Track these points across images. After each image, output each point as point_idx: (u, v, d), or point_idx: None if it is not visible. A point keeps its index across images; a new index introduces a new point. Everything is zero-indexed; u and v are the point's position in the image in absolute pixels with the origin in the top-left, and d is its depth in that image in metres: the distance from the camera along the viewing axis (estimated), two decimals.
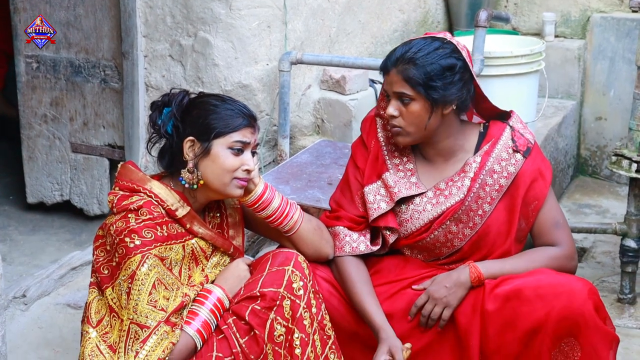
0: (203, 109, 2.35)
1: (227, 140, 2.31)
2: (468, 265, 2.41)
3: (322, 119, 3.88)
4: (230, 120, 2.32)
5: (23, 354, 2.85)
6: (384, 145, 2.53)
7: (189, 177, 2.33)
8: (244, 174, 2.33)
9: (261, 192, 2.39)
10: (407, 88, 2.38)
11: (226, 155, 2.31)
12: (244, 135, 2.33)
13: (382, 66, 2.45)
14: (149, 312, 2.19)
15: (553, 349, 2.29)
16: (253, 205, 2.40)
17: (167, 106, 2.37)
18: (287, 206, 2.44)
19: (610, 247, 3.74)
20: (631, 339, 2.99)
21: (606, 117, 4.73)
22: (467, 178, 2.46)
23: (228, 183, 2.32)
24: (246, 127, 2.34)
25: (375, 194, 2.49)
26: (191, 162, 2.32)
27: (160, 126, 2.36)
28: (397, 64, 2.40)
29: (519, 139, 2.47)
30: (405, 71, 2.38)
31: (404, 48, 2.42)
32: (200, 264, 2.38)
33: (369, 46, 4.33)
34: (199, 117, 2.33)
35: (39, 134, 4.02)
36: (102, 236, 2.33)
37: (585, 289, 2.29)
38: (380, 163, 2.51)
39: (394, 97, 2.41)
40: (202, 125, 2.32)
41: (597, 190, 4.63)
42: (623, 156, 3.20)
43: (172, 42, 3.68)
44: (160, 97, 2.42)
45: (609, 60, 4.68)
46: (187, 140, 2.32)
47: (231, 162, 2.32)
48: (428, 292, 2.42)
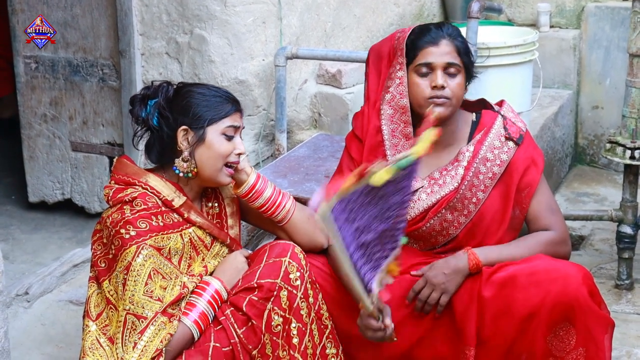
0: (192, 98, 2.38)
1: (220, 126, 2.36)
2: (466, 252, 2.43)
3: (319, 113, 3.91)
4: (221, 106, 2.37)
5: (26, 350, 2.88)
6: (388, 138, 2.55)
7: (183, 167, 2.35)
8: (236, 157, 2.38)
9: (253, 182, 2.42)
10: (457, 59, 2.46)
11: (220, 141, 2.36)
12: (234, 120, 2.38)
13: (430, 39, 2.47)
14: (145, 303, 2.22)
15: (548, 334, 2.31)
16: (246, 195, 2.42)
17: (151, 98, 2.39)
18: (280, 196, 2.47)
19: (608, 235, 3.76)
20: (629, 324, 3.01)
21: (603, 105, 4.75)
22: (461, 167, 2.49)
23: (220, 169, 2.36)
24: (235, 112, 2.39)
25: None
26: (186, 150, 2.35)
27: (145, 119, 2.38)
28: (448, 35, 2.47)
29: (510, 127, 2.50)
30: (455, 42, 2.47)
31: (444, 26, 2.51)
32: (201, 253, 2.41)
33: (365, 40, 4.35)
34: (190, 106, 2.36)
35: (39, 134, 4.05)
36: (99, 230, 2.36)
37: (579, 274, 2.32)
38: (381, 155, 2.53)
39: (440, 68, 2.45)
40: (194, 114, 2.35)
41: (595, 178, 4.65)
42: (617, 143, 3.22)
43: (169, 40, 3.71)
44: (140, 90, 2.46)
45: (604, 49, 4.69)
46: (181, 130, 2.34)
47: (225, 147, 2.36)
48: (426, 278, 2.45)
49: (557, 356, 2.33)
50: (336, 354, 2.40)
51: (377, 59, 2.61)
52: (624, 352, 2.79)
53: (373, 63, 2.62)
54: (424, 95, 2.45)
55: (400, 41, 2.52)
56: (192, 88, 2.42)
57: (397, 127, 2.53)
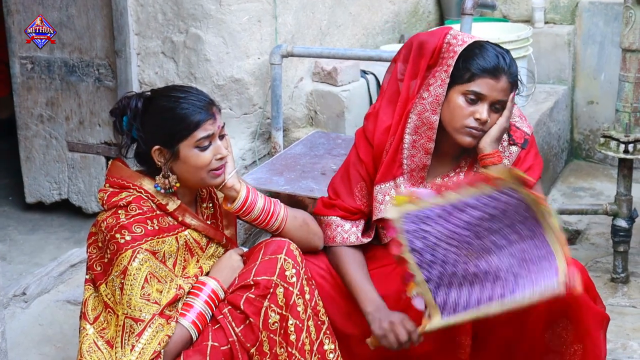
0: (159, 115, 2.31)
1: (192, 140, 2.28)
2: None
3: (315, 111, 3.91)
4: (189, 120, 2.28)
5: (24, 350, 2.89)
6: (408, 148, 2.47)
7: (164, 183, 2.32)
8: (218, 163, 2.33)
9: (245, 196, 2.39)
10: (508, 96, 2.36)
11: (196, 155, 2.30)
12: (206, 130, 2.29)
13: (492, 69, 2.33)
14: (143, 306, 2.22)
15: (546, 332, 2.33)
16: (240, 210, 2.40)
17: (124, 114, 2.34)
18: (272, 205, 2.45)
19: (604, 229, 3.77)
20: (624, 317, 3.03)
21: (598, 101, 4.77)
22: (462, 172, 2.48)
23: (205, 177, 2.33)
24: (206, 120, 2.30)
25: (385, 194, 2.48)
26: (164, 168, 2.31)
27: (125, 133, 2.35)
28: (509, 70, 2.34)
29: (514, 132, 2.47)
30: (511, 78, 2.35)
31: (504, 55, 2.37)
32: (196, 255, 2.41)
33: (361, 38, 4.36)
34: (157, 125, 2.30)
35: (35, 134, 4.05)
36: (94, 233, 2.36)
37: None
38: (397, 165, 2.47)
39: (489, 102, 2.34)
40: (162, 133, 2.29)
41: (591, 173, 4.67)
42: (611, 137, 3.24)
43: (164, 39, 3.71)
44: (117, 103, 2.39)
45: (598, 44, 4.71)
46: (155, 150, 2.31)
47: (203, 159, 2.30)
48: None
49: (556, 351, 2.34)
50: (334, 349, 2.40)
51: (418, 53, 2.45)
52: (619, 344, 2.81)
53: (414, 57, 2.46)
54: (463, 123, 2.35)
55: (452, 54, 2.37)
56: (160, 102, 2.33)
57: (419, 138, 2.44)
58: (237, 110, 3.74)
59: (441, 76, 2.37)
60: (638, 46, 3.14)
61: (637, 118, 3.20)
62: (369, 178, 2.53)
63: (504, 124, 2.36)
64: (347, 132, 3.78)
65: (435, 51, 2.40)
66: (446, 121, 2.40)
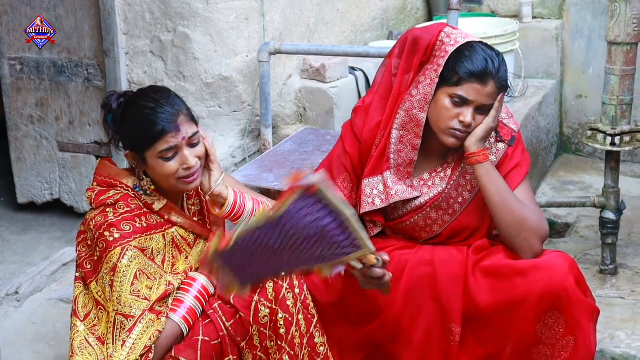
0: (129, 122, 2.33)
1: (154, 152, 2.30)
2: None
3: (304, 108, 3.92)
4: (151, 131, 2.28)
5: (17, 349, 2.90)
6: (395, 143, 2.47)
7: (140, 185, 2.36)
8: (186, 172, 2.32)
9: (233, 201, 2.40)
10: (495, 99, 2.36)
11: (161, 164, 2.30)
12: (167, 142, 2.29)
13: (479, 74, 2.33)
14: (133, 302, 2.24)
15: (537, 323, 2.34)
16: (230, 214, 2.41)
17: (109, 112, 2.38)
18: (260, 206, 2.46)
19: (593, 222, 3.79)
20: (613, 308, 3.05)
21: (586, 94, 4.79)
22: (449, 168, 2.50)
23: (176, 184, 2.34)
24: (167, 132, 2.28)
25: (373, 188, 2.50)
26: (137, 170, 2.35)
27: (111, 129, 2.39)
28: (497, 75, 2.34)
29: (502, 129, 2.49)
30: (499, 83, 2.35)
31: (494, 59, 2.35)
32: (184, 252, 2.43)
33: (349, 35, 4.38)
34: (128, 131, 2.34)
35: (26, 135, 4.06)
36: (83, 232, 2.38)
37: (565, 264, 2.34)
38: (385, 160, 2.49)
39: (475, 106, 2.36)
40: (130, 140, 2.34)
41: (580, 167, 4.69)
42: (598, 130, 3.25)
43: (152, 38, 3.72)
44: (104, 99, 2.41)
45: (586, 38, 4.73)
46: (127, 153, 2.35)
47: (168, 168, 2.31)
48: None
49: (548, 343, 2.36)
50: (324, 342, 2.42)
51: (412, 49, 2.45)
52: (607, 334, 2.82)
53: (407, 53, 2.46)
54: (447, 125, 2.37)
55: (443, 53, 2.37)
56: (131, 108, 2.34)
57: (407, 134, 2.45)
58: (226, 108, 3.75)
59: (431, 75, 2.39)
60: (623, 39, 3.15)
61: (624, 111, 3.21)
62: (353, 170, 2.55)
63: (490, 123, 2.38)
64: (337, 129, 3.80)
65: (429, 48, 2.40)
66: (432, 120, 2.42)
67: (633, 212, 3.86)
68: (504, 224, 2.40)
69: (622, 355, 2.75)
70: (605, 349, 2.75)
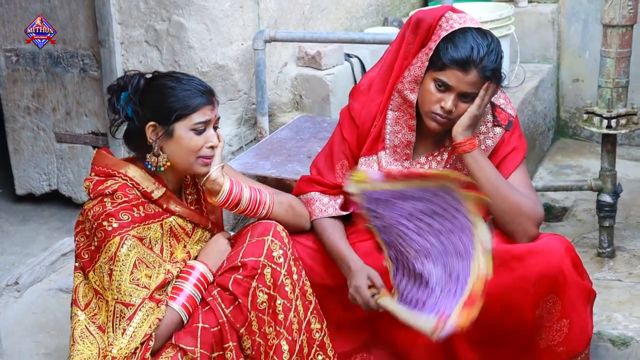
0: (160, 92, 2.34)
1: (189, 122, 2.32)
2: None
3: (300, 95, 3.93)
4: (189, 101, 2.32)
5: (18, 339, 2.91)
6: (390, 124, 2.50)
7: (154, 161, 2.35)
8: (209, 151, 2.35)
9: (228, 189, 2.40)
10: (478, 88, 2.36)
11: (189, 137, 2.32)
12: (204, 114, 2.33)
13: (461, 62, 2.32)
14: (133, 291, 2.25)
15: (535, 307, 2.35)
16: (225, 203, 2.41)
17: (124, 90, 2.37)
18: (258, 195, 2.46)
19: (591, 205, 3.80)
20: (610, 291, 3.06)
21: (583, 78, 4.78)
22: (446, 152, 2.51)
23: (193, 162, 2.35)
24: (205, 105, 2.34)
25: (368, 166, 2.52)
26: (155, 146, 2.33)
27: (119, 110, 2.37)
28: (480, 64, 2.33)
29: (499, 114, 2.50)
30: (484, 73, 2.34)
31: (481, 47, 2.33)
32: (182, 241, 2.43)
33: (344, 22, 4.37)
34: (157, 101, 2.33)
35: (23, 126, 4.06)
36: (82, 222, 2.38)
37: (562, 247, 2.35)
38: (380, 140, 2.51)
39: (456, 93, 2.36)
40: (161, 109, 2.32)
41: (577, 150, 4.69)
42: (594, 113, 3.26)
43: (147, 28, 3.71)
44: (115, 80, 2.43)
45: (582, 22, 4.72)
46: (149, 125, 2.33)
47: (195, 142, 2.32)
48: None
49: (545, 326, 2.37)
50: (320, 328, 2.44)
51: (414, 31, 2.46)
52: (604, 316, 2.84)
53: (409, 35, 2.47)
54: (430, 108, 2.38)
55: (436, 37, 2.37)
56: (162, 81, 2.37)
57: (402, 115, 2.48)
58: (222, 96, 3.75)
59: (422, 58, 2.40)
60: (619, 21, 3.15)
61: (620, 93, 3.22)
62: (351, 156, 2.56)
63: (474, 111, 2.37)
64: (333, 116, 3.80)
65: (430, 30, 2.41)
66: (419, 103, 2.44)
67: (630, 195, 3.87)
68: (498, 211, 2.41)
69: (619, 336, 2.76)
70: (602, 331, 2.76)
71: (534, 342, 2.40)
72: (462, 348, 2.46)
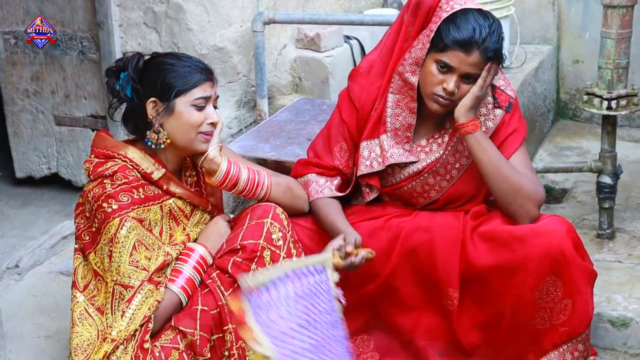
0: (160, 69, 2.36)
1: (189, 97, 2.34)
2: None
3: (299, 78, 3.91)
4: (189, 77, 2.34)
5: (19, 321, 2.92)
6: (391, 107, 2.50)
7: (154, 138, 2.36)
8: (209, 127, 2.36)
9: (226, 169, 2.40)
10: (481, 69, 2.35)
11: (190, 112, 2.34)
12: (204, 90, 2.36)
13: (464, 43, 2.32)
14: (132, 273, 2.26)
15: (536, 288, 2.36)
16: (222, 183, 2.41)
17: (123, 70, 2.38)
18: (256, 176, 2.47)
19: (591, 187, 3.79)
20: (610, 272, 3.06)
21: (583, 59, 4.76)
22: (447, 134, 2.51)
23: (194, 138, 2.36)
24: (205, 81, 2.36)
25: (370, 150, 2.52)
26: (156, 122, 2.34)
27: (119, 91, 2.38)
28: (483, 45, 2.32)
29: (500, 96, 2.50)
30: (486, 54, 2.33)
31: (483, 28, 2.32)
32: (181, 223, 2.44)
33: (344, 3, 4.35)
34: (158, 78, 2.35)
35: (22, 109, 4.05)
36: (82, 204, 2.39)
37: (563, 228, 2.36)
38: (381, 123, 2.51)
39: (459, 74, 2.35)
40: (161, 86, 2.34)
41: (577, 132, 4.68)
42: (594, 94, 3.25)
43: (146, 10, 3.70)
44: (114, 62, 2.44)
45: (582, 2, 4.69)
46: (150, 102, 2.34)
47: (195, 118, 2.34)
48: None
49: (546, 307, 2.38)
50: None
51: (414, 14, 2.45)
52: (604, 297, 2.84)
53: (409, 17, 2.47)
54: (432, 90, 2.38)
55: (437, 19, 2.36)
56: (162, 59, 2.40)
57: (403, 98, 2.47)
58: (221, 79, 3.73)
59: (423, 40, 2.39)
60: (619, 2, 3.13)
61: (620, 74, 3.21)
62: (350, 138, 2.56)
63: (476, 92, 2.37)
64: (332, 98, 3.79)
65: (430, 12, 2.41)
66: (421, 85, 2.43)
67: (630, 176, 3.87)
68: (499, 192, 2.41)
69: (619, 317, 2.77)
70: (602, 312, 2.77)
71: (534, 322, 2.40)
72: (463, 329, 2.48)
